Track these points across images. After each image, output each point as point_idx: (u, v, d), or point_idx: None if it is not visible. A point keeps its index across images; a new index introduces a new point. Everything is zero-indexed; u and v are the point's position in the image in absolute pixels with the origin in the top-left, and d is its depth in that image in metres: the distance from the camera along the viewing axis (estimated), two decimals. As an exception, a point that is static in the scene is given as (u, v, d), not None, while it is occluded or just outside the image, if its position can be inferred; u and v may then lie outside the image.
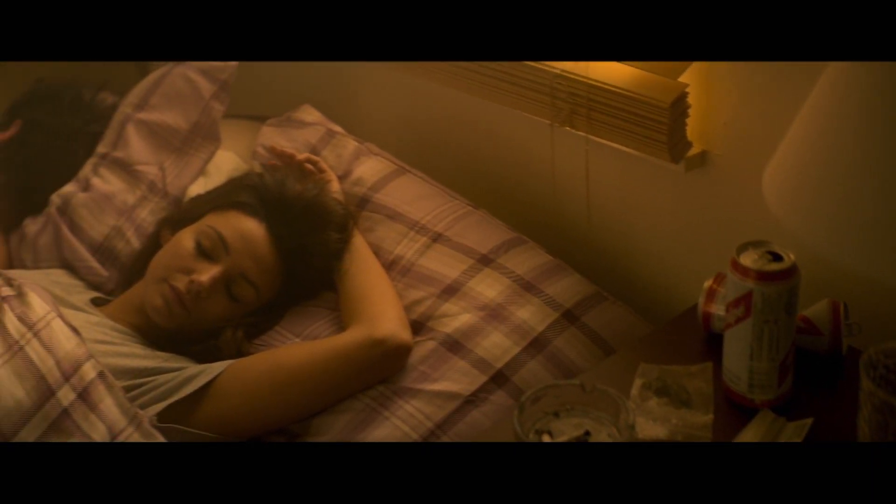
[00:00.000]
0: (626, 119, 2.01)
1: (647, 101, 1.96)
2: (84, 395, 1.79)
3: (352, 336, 1.98)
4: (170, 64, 2.53)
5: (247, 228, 2.11)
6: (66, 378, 1.79)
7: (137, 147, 2.42)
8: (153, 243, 2.26)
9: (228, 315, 2.11)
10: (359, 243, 2.17)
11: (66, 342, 1.82)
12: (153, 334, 2.12)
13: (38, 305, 1.86)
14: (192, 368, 1.99)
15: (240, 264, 2.09)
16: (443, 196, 2.26)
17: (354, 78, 2.67)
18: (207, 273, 2.07)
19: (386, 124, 2.61)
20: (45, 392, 1.77)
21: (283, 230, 2.13)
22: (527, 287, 2.07)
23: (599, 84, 2.02)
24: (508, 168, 2.39)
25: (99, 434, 1.77)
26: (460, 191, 2.29)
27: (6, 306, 1.86)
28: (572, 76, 2.05)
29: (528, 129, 2.26)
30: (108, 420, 1.78)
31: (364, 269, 2.12)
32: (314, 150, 2.38)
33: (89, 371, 1.80)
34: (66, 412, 1.76)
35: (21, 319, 1.84)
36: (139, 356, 2.02)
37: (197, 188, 2.40)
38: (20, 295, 1.88)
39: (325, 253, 2.13)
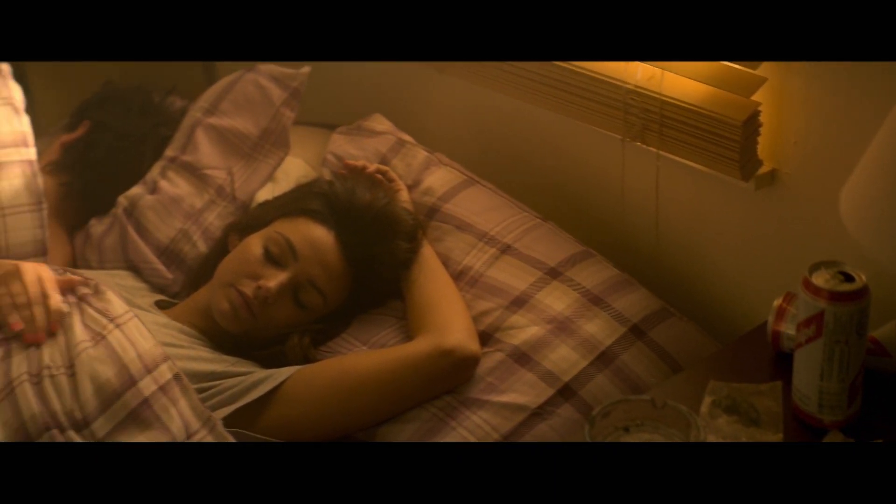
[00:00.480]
0: (698, 136, 2.04)
1: (721, 118, 1.99)
2: (164, 390, 1.84)
3: (420, 345, 2.00)
4: (241, 70, 2.57)
5: (316, 236, 2.14)
6: (148, 371, 1.84)
7: (206, 151, 2.46)
8: (220, 248, 2.29)
9: (295, 321, 2.13)
10: (427, 253, 2.19)
11: (143, 341, 1.87)
12: (218, 338, 2.14)
13: (118, 304, 1.92)
14: (259, 373, 2.02)
15: (308, 271, 2.12)
16: (512, 208, 2.27)
17: (424, 88, 2.68)
18: (275, 279, 2.09)
19: (455, 135, 2.63)
20: (127, 380, 1.82)
21: (352, 238, 2.15)
22: (594, 301, 2.09)
23: (673, 100, 2.05)
24: (577, 181, 2.40)
25: (176, 427, 1.81)
26: (528, 203, 2.30)
27: (85, 304, 1.92)
28: (646, 92, 2.08)
29: (598, 144, 2.27)
30: (183, 420, 1.83)
31: (432, 278, 2.15)
32: (384, 159, 2.40)
33: (166, 372, 1.85)
34: (146, 402, 1.81)
35: (102, 313, 1.90)
36: (206, 360, 2.05)
37: (265, 194, 2.43)
38: (98, 293, 1.94)
39: (394, 262, 2.16)
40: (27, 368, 1.83)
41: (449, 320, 2.04)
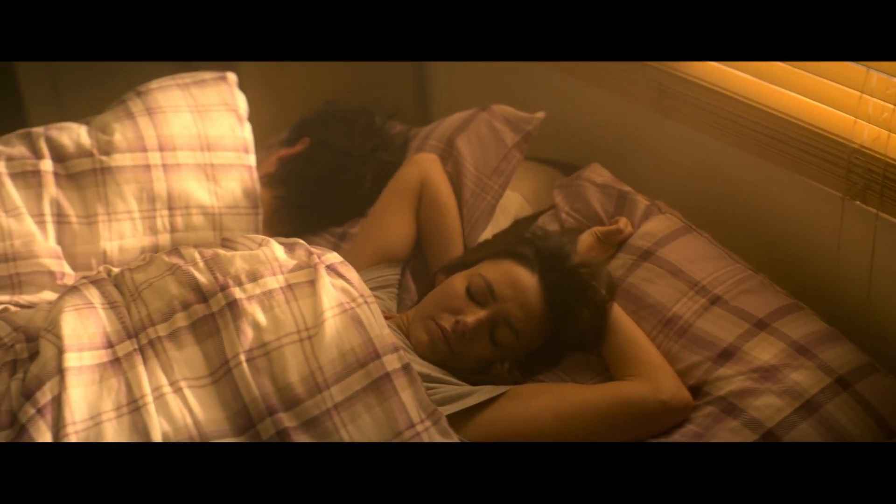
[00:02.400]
0: (920, 202, 2.13)
1: (945, 188, 2.08)
2: (399, 373, 2.01)
3: (637, 387, 2.15)
4: (474, 108, 2.73)
5: (518, 277, 2.26)
6: (388, 351, 2.02)
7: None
8: (429, 286, 2.45)
9: (489, 358, 2.26)
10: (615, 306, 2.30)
11: (383, 326, 2.07)
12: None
13: (362, 284, 2.12)
14: (472, 386, 2.17)
15: (506, 310, 2.24)
16: (725, 259, 2.36)
17: (641, 132, 2.79)
18: (474, 315, 2.23)
19: (670, 182, 2.72)
20: (372, 352, 2.01)
21: (553, 281, 2.27)
22: (801, 351, 2.17)
23: (898, 163, 2.14)
24: (791, 236, 2.48)
25: (412, 408, 1.98)
26: (740, 255, 2.38)
27: (335, 273, 2.12)
28: (871, 152, 2.18)
29: (816, 200, 2.36)
30: (411, 408, 1.99)
31: (629, 325, 2.27)
32: (605, 208, 2.52)
33: (397, 360, 2.03)
34: (388, 376, 2.00)
35: (353, 285, 2.10)
36: (421, 364, 2.20)
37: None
38: (346, 268, 2.15)
39: (594, 314, 2.26)
40: (242, 348, 2.00)
41: (657, 367, 2.19)
